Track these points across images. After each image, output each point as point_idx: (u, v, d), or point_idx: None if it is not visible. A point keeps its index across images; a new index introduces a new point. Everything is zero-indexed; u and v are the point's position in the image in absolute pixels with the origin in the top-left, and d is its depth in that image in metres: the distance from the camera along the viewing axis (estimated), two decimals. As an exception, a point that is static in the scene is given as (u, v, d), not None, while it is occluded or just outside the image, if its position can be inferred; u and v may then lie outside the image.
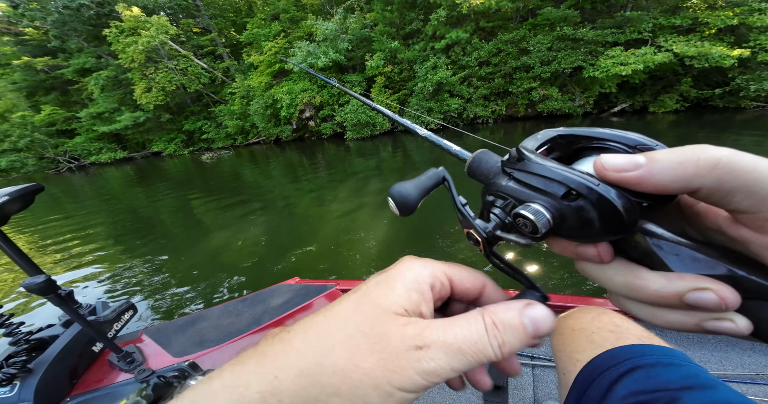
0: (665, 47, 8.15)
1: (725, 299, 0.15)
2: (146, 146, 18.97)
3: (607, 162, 0.17)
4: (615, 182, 0.17)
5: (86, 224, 6.08)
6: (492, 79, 11.18)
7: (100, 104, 16.64)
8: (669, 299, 0.17)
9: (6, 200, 0.66)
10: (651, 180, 0.16)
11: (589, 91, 9.93)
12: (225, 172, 10.67)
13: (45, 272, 0.75)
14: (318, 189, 6.52)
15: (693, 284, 0.16)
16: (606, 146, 0.21)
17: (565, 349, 0.49)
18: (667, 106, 9.58)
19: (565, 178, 0.18)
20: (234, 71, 16.80)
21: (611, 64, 8.21)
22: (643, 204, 0.17)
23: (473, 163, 0.26)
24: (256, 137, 16.48)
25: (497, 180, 0.22)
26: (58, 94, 19.06)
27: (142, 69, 14.62)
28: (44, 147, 17.76)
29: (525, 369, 1.04)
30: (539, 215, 0.18)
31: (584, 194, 0.17)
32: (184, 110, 17.97)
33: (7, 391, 0.78)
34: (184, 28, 16.45)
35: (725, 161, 0.14)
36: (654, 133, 7.86)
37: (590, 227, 0.18)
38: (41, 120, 17.25)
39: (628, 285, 0.18)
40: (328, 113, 13.52)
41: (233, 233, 4.47)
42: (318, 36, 11.68)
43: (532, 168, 0.20)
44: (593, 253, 0.19)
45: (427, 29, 11.08)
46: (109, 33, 14.08)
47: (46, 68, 17.82)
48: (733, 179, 0.14)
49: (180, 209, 6.57)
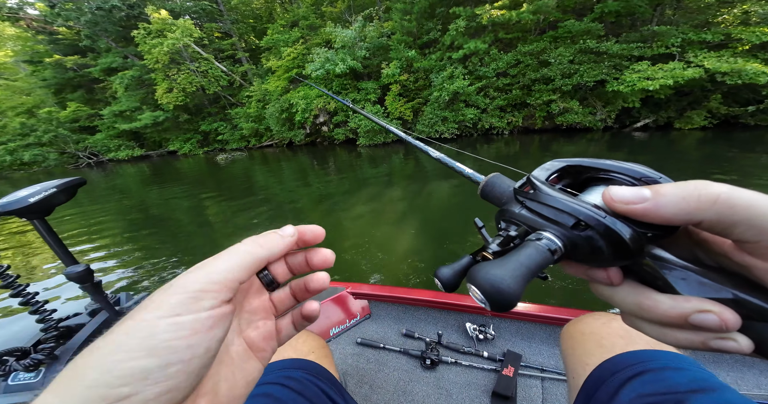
0: (695, 63, 7.85)
1: (726, 321, 0.16)
2: (162, 144, 19.39)
3: (616, 194, 0.18)
4: (622, 213, 0.18)
5: (103, 219, 6.14)
6: (509, 90, 11.01)
7: (123, 102, 17.17)
8: (676, 320, 0.18)
9: (53, 192, 0.69)
10: (656, 213, 0.17)
11: (611, 106, 9.64)
12: (239, 173, 10.71)
13: (81, 263, 0.76)
14: (329, 194, 6.46)
15: (697, 306, 0.17)
16: (612, 178, 0.22)
17: (575, 353, 0.49)
18: (695, 122, 9.19)
19: (574, 210, 0.19)
20: (252, 75, 17.15)
21: (637, 79, 7.93)
22: (648, 235, 0.18)
23: (486, 186, 0.27)
24: (269, 140, 16.66)
25: (510, 207, 0.24)
26: (83, 92, 19.79)
27: (166, 70, 15.05)
28: (66, 142, 18.34)
29: (534, 381, 1.00)
30: (551, 243, 0.20)
31: (592, 225, 0.19)
32: (202, 111, 18.38)
33: (32, 377, 0.79)
34: (207, 32, 16.97)
35: (724, 197, 0.15)
36: (680, 151, 7.57)
37: (600, 254, 0.19)
38: (66, 116, 17.86)
39: (638, 306, 0.19)
40: (342, 118, 13.57)
41: (248, 232, 4.46)
42: (336, 43, 11.80)
43: (543, 199, 0.21)
44: (604, 276, 0.20)
45: (445, 39, 11.06)
46: (137, 34, 14.59)
47: (75, 67, 18.57)
48: (733, 213, 0.15)
49: (195, 207, 6.59)
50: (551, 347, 1.10)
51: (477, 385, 1.00)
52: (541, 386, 0.99)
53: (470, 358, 1.10)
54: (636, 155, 7.32)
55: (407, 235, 3.69)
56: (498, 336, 1.15)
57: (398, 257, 3.17)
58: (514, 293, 0.17)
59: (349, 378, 1.07)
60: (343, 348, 1.19)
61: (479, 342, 1.15)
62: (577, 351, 0.50)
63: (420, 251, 3.25)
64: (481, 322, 1.17)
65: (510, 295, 0.17)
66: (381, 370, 1.09)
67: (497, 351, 1.10)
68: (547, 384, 0.99)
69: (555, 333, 1.11)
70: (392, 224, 4.09)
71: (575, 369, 0.47)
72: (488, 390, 0.98)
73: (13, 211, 0.67)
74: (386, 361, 1.13)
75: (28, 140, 17.72)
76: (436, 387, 1.02)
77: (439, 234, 3.66)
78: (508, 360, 1.02)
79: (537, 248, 0.19)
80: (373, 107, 12.43)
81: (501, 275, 0.18)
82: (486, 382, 1.01)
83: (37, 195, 0.69)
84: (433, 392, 1.00)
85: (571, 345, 0.52)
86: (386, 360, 1.13)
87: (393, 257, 3.17)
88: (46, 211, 0.72)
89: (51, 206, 0.72)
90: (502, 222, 0.24)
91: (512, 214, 0.23)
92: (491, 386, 0.99)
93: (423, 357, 1.09)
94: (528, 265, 0.19)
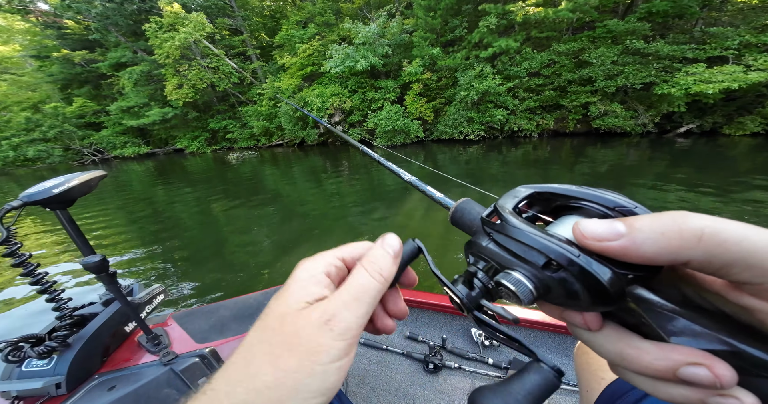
0: (755, 66, 7.21)
1: (720, 377, 0.13)
2: (168, 142, 18.92)
3: (586, 229, 0.16)
4: (596, 251, 0.16)
5: (114, 215, 6.03)
6: (541, 91, 10.38)
7: (131, 98, 16.67)
8: (663, 373, 0.15)
9: (76, 184, 0.71)
10: (636, 252, 0.15)
11: (655, 109, 8.99)
12: (250, 173, 10.14)
13: (98, 253, 0.78)
14: (342, 196, 6.27)
15: (686, 358, 0.14)
16: (584, 207, 0.19)
17: (590, 367, 0.48)
18: (747, 128, 8.53)
19: (544, 247, 0.17)
20: (263, 72, 16.64)
21: (692, 82, 7.29)
22: (629, 276, 0.16)
23: (456, 213, 0.26)
24: (279, 140, 16.10)
25: (478, 240, 0.21)
26: (90, 88, 19.37)
27: (176, 65, 14.54)
28: (72, 138, 17.87)
29: None
30: (521, 285, 0.18)
31: (565, 265, 0.16)
32: (211, 109, 17.89)
33: (44, 364, 0.79)
34: (219, 27, 16.48)
35: (709, 232, 0.13)
36: (728, 158, 7.03)
37: (576, 298, 0.17)
38: (72, 112, 17.45)
39: (620, 354, 0.17)
40: (358, 118, 12.98)
41: (263, 231, 4.52)
42: (358, 39, 11.23)
43: (510, 232, 0.19)
44: (579, 320, 0.18)
45: (473, 36, 10.47)
46: (149, 28, 14.12)
47: (83, 62, 18.16)
48: (724, 251, 0.13)
49: (204, 206, 6.35)
50: (560, 356, 1.07)
51: None
52: None
53: (474, 364, 1.08)
54: (679, 162, 6.88)
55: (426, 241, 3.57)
56: None
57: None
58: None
59: (350, 378, 1.06)
60: None
61: (485, 348, 1.12)
62: (591, 366, 0.48)
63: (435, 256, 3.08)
64: None
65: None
66: (383, 372, 1.09)
67: (503, 359, 1.08)
68: (554, 395, 0.91)
69: (565, 343, 1.08)
70: (407, 228, 4.06)
71: (589, 383, 0.46)
72: None
73: (39, 201, 0.68)
74: (388, 363, 1.12)
75: (32, 135, 17.28)
76: (438, 391, 1.01)
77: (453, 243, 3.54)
78: (513, 368, 0.98)
79: (544, 376, 0.18)
80: (392, 107, 11.83)
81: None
82: None
83: (61, 186, 0.70)
84: (435, 396, 0.99)
85: (585, 360, 0.50)
86: (388, 362, 1.13)
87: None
88: (68, 202, 0.73)
89: (73, 198, 0.73)
90: (470, 256, 0.22)
91: (479, 248, 0.21)
92: None
93: (426, 360, 1.07)
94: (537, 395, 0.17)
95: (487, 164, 8.47)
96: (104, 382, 0.83)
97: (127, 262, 3.72)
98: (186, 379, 0.83)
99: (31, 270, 0.73)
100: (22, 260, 0.71)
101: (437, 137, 12.15)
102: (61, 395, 0.78)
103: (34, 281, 0.74)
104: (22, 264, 0.71)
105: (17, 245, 0.69)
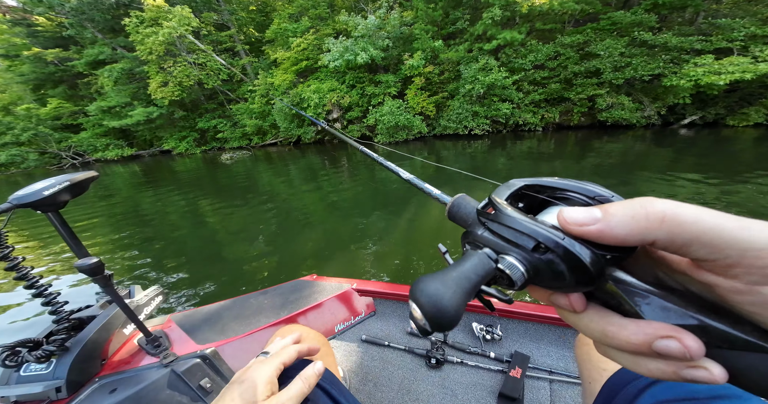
0: (761, 58, 7.23)
1: (689, 347, 0.15)
2: (154, 143, 17.92)
3: (569, 216, 0.18)
4: (578, 235, 0.17)
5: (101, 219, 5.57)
6: (546, 84, 10.23)
7: (112, 97, 15.63)
8: (640, 347, 0.17)
9: (67, 185, 0.69)
10: (610, 234, 0.16)
11: (660, 101, 8.97)
12: (244, 173, 9.58)
13: (92, 255, 0.76)
14: (341, 193, 6.04)
15: (659, 332, 0.16)
16: (568, 197, 0.22)
17: (591, 359, 0.49)
18: (751, 119, 8.61)
19: (533, 231, 0.19)
20: (253, 69, 15.91)
21: (702, 73, 7.25)
22: (607, 257, 0.17)
23: (452, 208, 0.27)
24: (273, 138, 15.45)
25: (474, 229, 0.23)
26: (66, 88, 18.09)
27: (160, 62, 13.66)
28: (47, 141, 16.66)
29: (542, 383, 0.98)
30: (514, 268, 0.19)
31: (552, 247, 0.18)
32: (199, 108, 16.99)
33: (43, 368, 0.79)
34: (205, 22, 15.61)
35: (670, 214, 0.15)
36: (732, 149, 7.05)
37: (562, 279, 0.18)
38: (47, 113, 16.23)
39: (602, 332, 0.19)
40: (357, 114, 12.54)
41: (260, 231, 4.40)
42: (357, 32, 10.77)
43: (503, 220, 0.20)
44: (565, 302, 0.20)
45: (477, 29, 10.19)
46: (129, 23, 13.20)
47: (56, 60, 16.91)
48: (683, 231, 0.15)
49: (197, 208, 6.00)
50: (560, 349, 1.08)
51: (483, 386, 1.00)
52: (550, 388, 0.96)
53: (476, 358, 1.09)
54: (684, 153, 6.85)
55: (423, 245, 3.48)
56: (505, 337, 1.14)
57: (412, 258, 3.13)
58: (456, 313, 0.17)
59: (353, 376, 1.08)
60: (347, 345, 1.20)
61: (486, 342, 1.13)
62: (593, 358, 0.48)
63: (435, 256, 3.11)
64: (488, 322, 1.16)
65: (451, 315, 0.17)
66: (385, 368, 1.10)
67: (504, 352, 1.09)
68: (555, 387, 0.97)
69: (565, 335, 1.09)
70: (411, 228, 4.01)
71: (591, 375, 0.47)
72: (494, 391, 0.97)
73: (29, 204, 0.66)
74: (391, 359, 1.13)
75: (4, 139, 16.02)
76: (441, 386, 1.02)
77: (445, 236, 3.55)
78: (515, 362, 1.00)
79: (480, 258, 0.19)
80: (393, 102, 11.46)
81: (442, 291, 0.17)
82: (492, 383, 1.00)
83: (51, 188, 0.68)
84: (438, 391, 1.00)
85: (587, 351, 0.51)
86: (391, 358, 1.14)
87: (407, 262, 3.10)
88: (60, 204, 0.71)
89: (65, 200, 0.71)
90: (466, 245, 0.23)
91: (475, 236, 0.22)
92: (498, 387, 0.98)
93: (428, 356, 1.08)
94: (471, 278, 0.18)
95: (493, 158, 8.25)
96: (105, 385, 0.81)
97: (121, 267, 3.58)
98: (187, 380, 0.83)
99: (25, 274, 0.70)
100: (15, 264, 0.68)
101: (440, 132, 11.86)
102: (62, 399, 0.77)
103: (28, 285, 0.72)
104: (15, 268, 0.68)
105: (8, 248, 0.66)
